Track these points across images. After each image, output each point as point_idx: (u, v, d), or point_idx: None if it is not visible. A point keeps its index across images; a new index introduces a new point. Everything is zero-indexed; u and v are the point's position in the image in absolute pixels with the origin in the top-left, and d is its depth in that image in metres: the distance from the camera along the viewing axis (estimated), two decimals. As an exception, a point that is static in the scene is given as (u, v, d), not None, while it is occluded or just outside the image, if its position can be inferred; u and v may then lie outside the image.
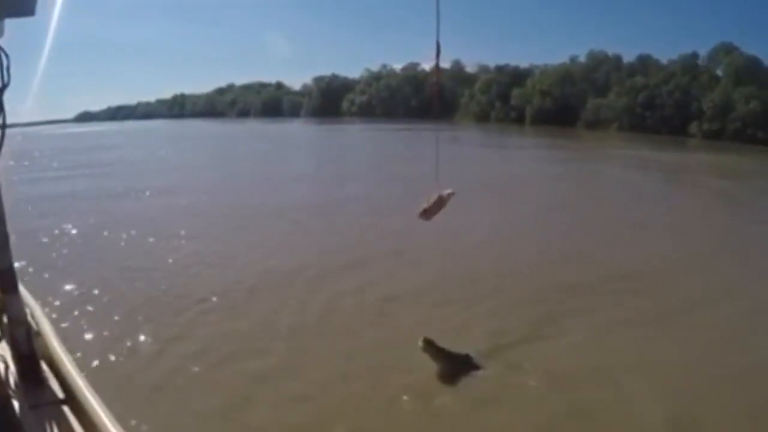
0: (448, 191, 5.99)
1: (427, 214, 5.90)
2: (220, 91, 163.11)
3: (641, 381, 7.43)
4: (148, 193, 24.44)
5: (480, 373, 7.61)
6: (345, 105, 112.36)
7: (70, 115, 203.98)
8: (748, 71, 61.11)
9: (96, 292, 11.04)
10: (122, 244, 15.47)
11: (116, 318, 9.72)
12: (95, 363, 7.97)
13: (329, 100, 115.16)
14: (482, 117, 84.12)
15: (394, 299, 10.60)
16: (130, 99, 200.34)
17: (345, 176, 30.37)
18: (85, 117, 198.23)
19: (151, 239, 15.75)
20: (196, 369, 7.96)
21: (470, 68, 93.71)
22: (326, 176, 31.23)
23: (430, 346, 7.36)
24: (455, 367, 7.53)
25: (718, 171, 35.79)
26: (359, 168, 35.63)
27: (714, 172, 35.50)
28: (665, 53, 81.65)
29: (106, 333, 9.17)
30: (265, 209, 20.08)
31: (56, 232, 16.53)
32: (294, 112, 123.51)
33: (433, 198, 5.88)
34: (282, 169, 33.60)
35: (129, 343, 8.78)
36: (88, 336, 9.05)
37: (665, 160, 40.02)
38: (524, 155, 43.51)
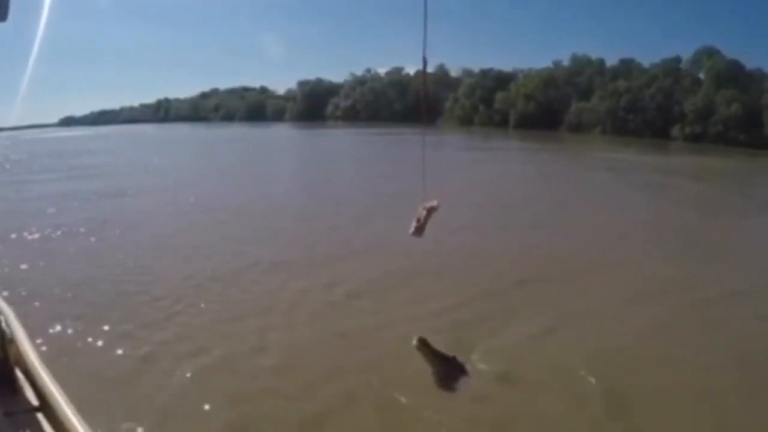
0: (433, 203, 6.16)
1: (418, 231, 6.09)
2: (204, 96, 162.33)
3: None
4: (133, 197, 23.67)
5: (469, 374, 7.43)
6: (329, 109, 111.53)
7: (54, 119, 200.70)
8: (730, 74, 61.28)
9: (70, 295, 10.70)
10: (100, 245, 15.03)
11: (92, 321, 9.31)
12: (69, 368, 7.29)
13: (313, 105, 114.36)
14: (466, 121, 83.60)
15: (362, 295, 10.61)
16: (113, 104, 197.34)
17: (328, 182, 29.39)
18: (68, 121, 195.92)
19: (132, 241, 15.33)
20: (166, 365, 7.78)
21: (455, 72, 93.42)
22: (309, 182, 30.09)
23: (424, 346, 7.21)
24: (446, 368, 7.33)
25: (702, 173, 35.48)
26: (343, 173, 34.57)
27: (698, 174, 35.03)
28: (648, 57, 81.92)
29: (80, 336, 8.82)
30: (242, 211, 19.83)
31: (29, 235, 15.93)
32: (278, 117, 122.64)
33: (422, 215, 6.07)
34: (262, 172, 33.08)
35: (104, 347, 8.45)
36: (63, 341, 8.63)
37: (648, 162, 39.65)
38: (507, 159, 42.66)
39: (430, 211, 6.13)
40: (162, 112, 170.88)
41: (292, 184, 29.04)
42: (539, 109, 74.61)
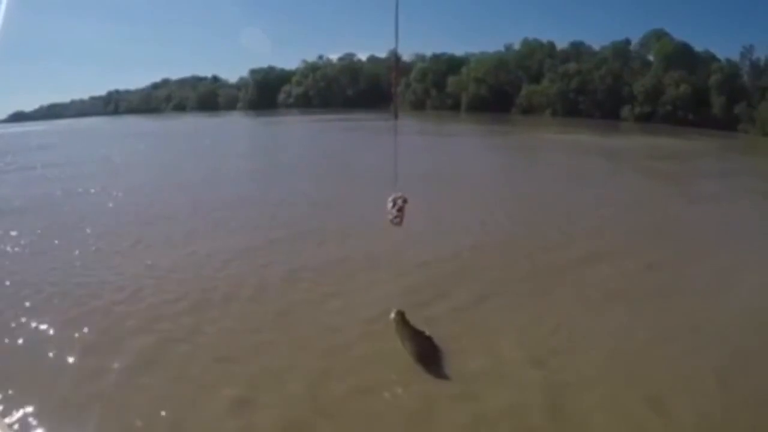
0: (400, 196, 6.39)
1: (399, 220, 6.33)
2: (156, 87, 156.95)
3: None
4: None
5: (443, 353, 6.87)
6: (282, 97, 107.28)
7: (2, 115, 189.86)
8: (679, 56, 61.08)
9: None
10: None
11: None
12: None
13: (266, 93, 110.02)
14: (418, 105, 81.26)
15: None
16: (63, 97, 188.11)
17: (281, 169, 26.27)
18: (18, 117, 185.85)
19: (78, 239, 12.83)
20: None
21: (407, 57, 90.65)
22: (262, 171, 26.43)
23: (403, 320, 6.64)
24: (423, 346, 6.72)
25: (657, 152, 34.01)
26: (297, 159, 31.13)
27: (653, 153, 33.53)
28: (598, 40, 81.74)
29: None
30: (197, 202, 17.25)
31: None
32: (230, 106, 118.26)
33: (397, 204, 6.33)
34: (215, 163, 29.09)
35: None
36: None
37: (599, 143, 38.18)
38: (460, 141, 40.50)
39: (405, 202, 6.33)
40: (113, 104, 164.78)
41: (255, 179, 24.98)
42: (490, 92, 73.18)
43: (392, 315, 6.60)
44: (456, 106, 76.06)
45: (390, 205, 6.36)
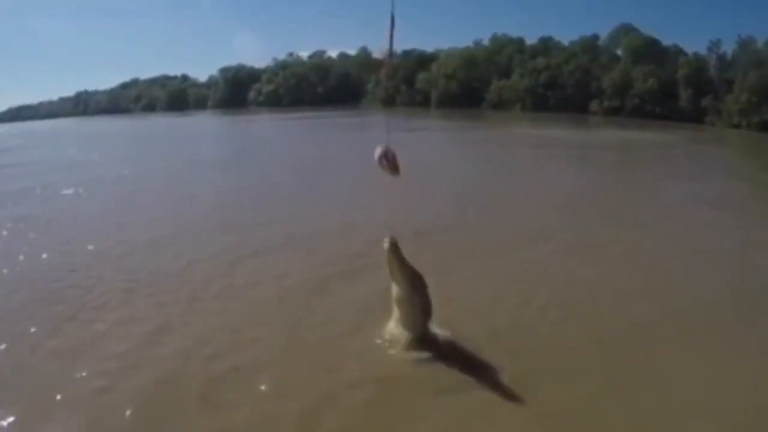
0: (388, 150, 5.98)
1: (395, 171, 5.90)
2: (125, 87, 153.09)
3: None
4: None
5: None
6: (252, 95, 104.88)
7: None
8: (647, 50, 60.97)
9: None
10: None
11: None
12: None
13: (236, 91, 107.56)
14: (388, 101, 79.48)
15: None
16: (32, 98, 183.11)
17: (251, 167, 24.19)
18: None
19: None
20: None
21: (377, 54, 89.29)
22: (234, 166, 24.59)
23: (396, 249, 5.83)
24: (413, 278, 5.88)
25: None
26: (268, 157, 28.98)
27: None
28: (567, 35, 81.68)
29: None
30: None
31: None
32: (201, 105, 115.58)
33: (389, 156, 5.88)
34: (184, 158, 27.80)
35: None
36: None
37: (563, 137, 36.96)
38: (431, 137, 38.78)
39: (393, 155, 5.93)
40: (82, 105, 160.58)
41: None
42: (460, 88, 71.92)
43: (385, 242, 5.87)
44: (426, 102, 74.79)
45: (380, 159, 5.90)
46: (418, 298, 5.87)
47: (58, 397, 5.32)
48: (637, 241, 10.59)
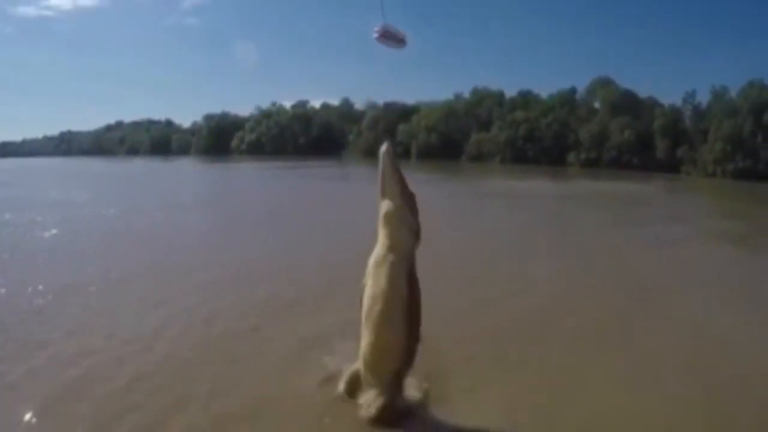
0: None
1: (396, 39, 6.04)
2: (109, 129, 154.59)
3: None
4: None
5: None
6: (235, 143, 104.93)
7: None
8: (623, 103, 61.42)
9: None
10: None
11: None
12: None
13: (219, 138, 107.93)
14: (369, 153, 79.45)
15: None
16: (15, 135, 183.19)
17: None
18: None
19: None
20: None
21: (359, 105, 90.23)
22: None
23: (392, 153, 5.46)
24: (403, 185, 5.52)
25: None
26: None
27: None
28: (546, 88, 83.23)
29: None
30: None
31: None
32: (184, 150, 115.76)
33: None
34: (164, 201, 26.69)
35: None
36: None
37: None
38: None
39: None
40: (65, 144, 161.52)
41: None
42: (440, 140, 72.10)
43: (383, 147, 5.49)
44: (406, 153, 74.63)
45: (380, 38, 5.90)
46: (408, 214, 5.35)
47: None
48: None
